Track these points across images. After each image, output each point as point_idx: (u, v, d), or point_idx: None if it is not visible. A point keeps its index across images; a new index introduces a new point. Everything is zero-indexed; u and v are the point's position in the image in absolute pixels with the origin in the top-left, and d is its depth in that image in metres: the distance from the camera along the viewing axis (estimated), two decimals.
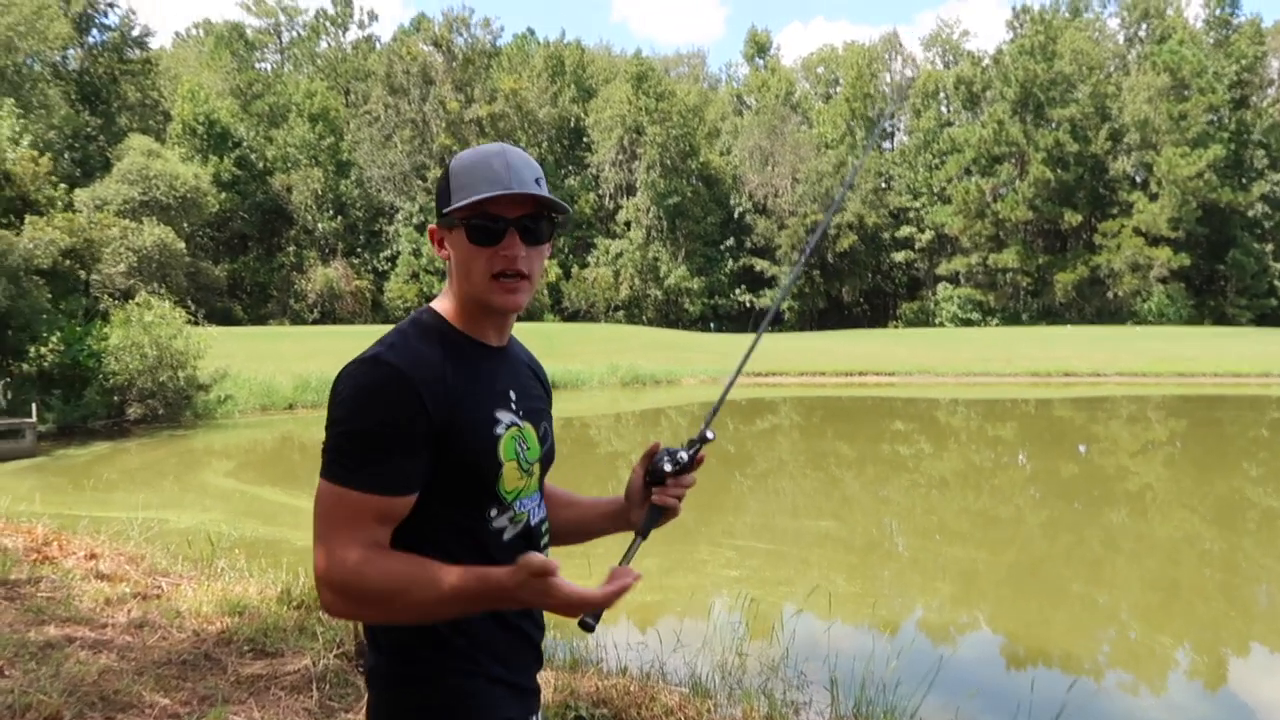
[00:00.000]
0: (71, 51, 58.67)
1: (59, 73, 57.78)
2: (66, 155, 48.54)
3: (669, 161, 64.09)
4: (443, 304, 1.53)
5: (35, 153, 23.53)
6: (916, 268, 69.15)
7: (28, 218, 20.39)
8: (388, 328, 1.55)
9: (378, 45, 72.90)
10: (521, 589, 1.31)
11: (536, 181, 1.47)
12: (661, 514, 1.64)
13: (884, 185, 68.83)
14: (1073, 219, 62.07)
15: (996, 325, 61.38)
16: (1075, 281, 60.98)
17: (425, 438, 1.36)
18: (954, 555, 10.05)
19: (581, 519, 1.83)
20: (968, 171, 65.24)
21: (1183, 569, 9.47)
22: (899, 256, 67.56)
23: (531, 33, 75.67)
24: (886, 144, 73.98)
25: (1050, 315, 62.17)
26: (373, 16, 76.12)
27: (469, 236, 1.45)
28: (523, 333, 1.62)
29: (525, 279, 1.48)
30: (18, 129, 24.33)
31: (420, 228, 61.95)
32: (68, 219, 22.21)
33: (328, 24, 74.34)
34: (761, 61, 79.80)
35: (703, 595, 7.83)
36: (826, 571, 8.89)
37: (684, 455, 1.60)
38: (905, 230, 66.99)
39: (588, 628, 1.41)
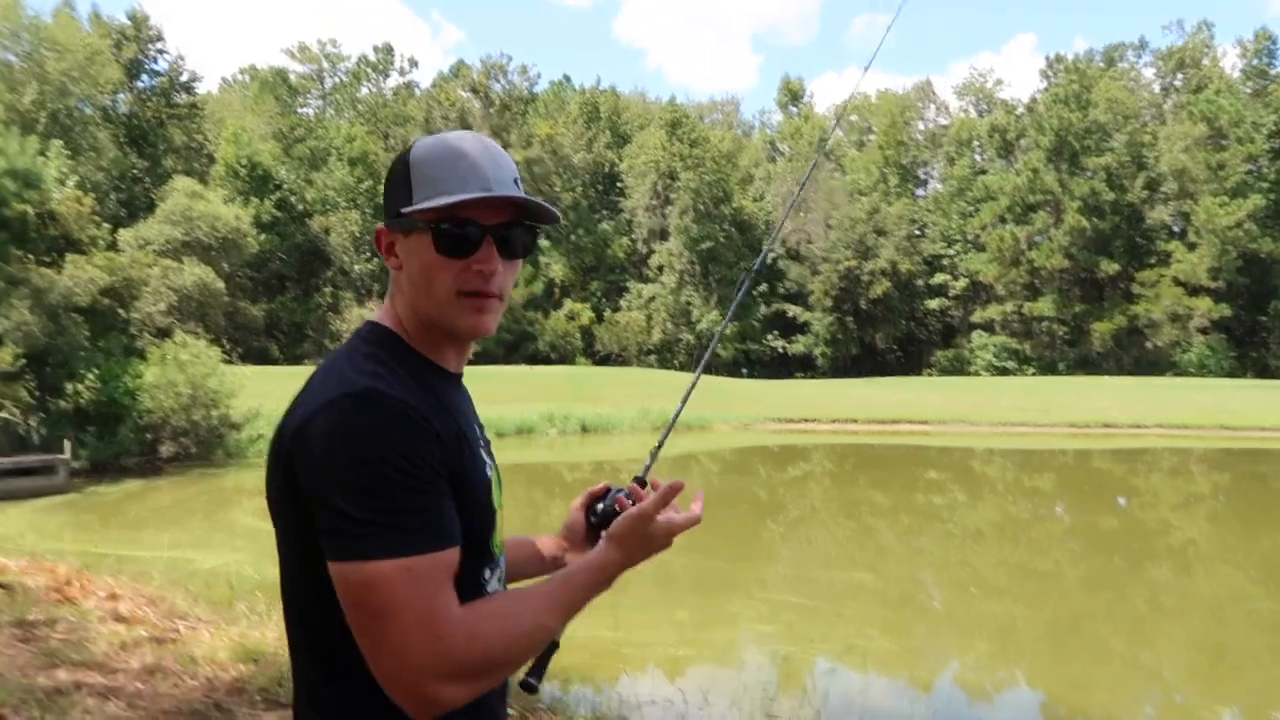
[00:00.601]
0: (121, 96, 60.39)
1: (109, 116, 59.38)
2: (113, 196, 49.76)
3: (702, 207, 64.41)
4: (394, 321, 1.26)
5: (80, 193, 24.06)
6: (950, 315, 68.61)
7: (69, 256, 20.79)
8: None
9: (417, 91, 74.30)
10: (646, 542, 1.25)
11: (515, 182, 1.24)
12: None
13: (917, 232, 68.63)
14: (1109, 268, 61.37)
15: (1033, 374, 60.56)
16: (1113, 331, 60.12)
17: (446, 475, 1.13)
18: (990, 610, 9.74)
19: (514, 563, 1.55)
20: (1002, 219, 64.88)
21: (1230, 629, 9.09)
22: (933, 304, 67.11)
23: (568, 79, 76.84)
24: (920, 191, 73.91)
25: (1088, 365, 61.24)
26: (413, 63, 77.81)
27: (436, 245, 1.19)
28: (553, 376, 1.48)
29: (497, 298, 1.24)
30: (65, 170, 24.92)
31: None
32: (108, 258, 22.63)
33: (369, 70, 75.95)
34: (795, 109, 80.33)
35: (734, 650, 7.61)
36: (860, 626, 8.63)
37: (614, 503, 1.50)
38: (939, 277, 66.62)
39: (530, 689, 1.27)
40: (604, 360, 61.56)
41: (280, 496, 1.16)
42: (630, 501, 1.50)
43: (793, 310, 65.35)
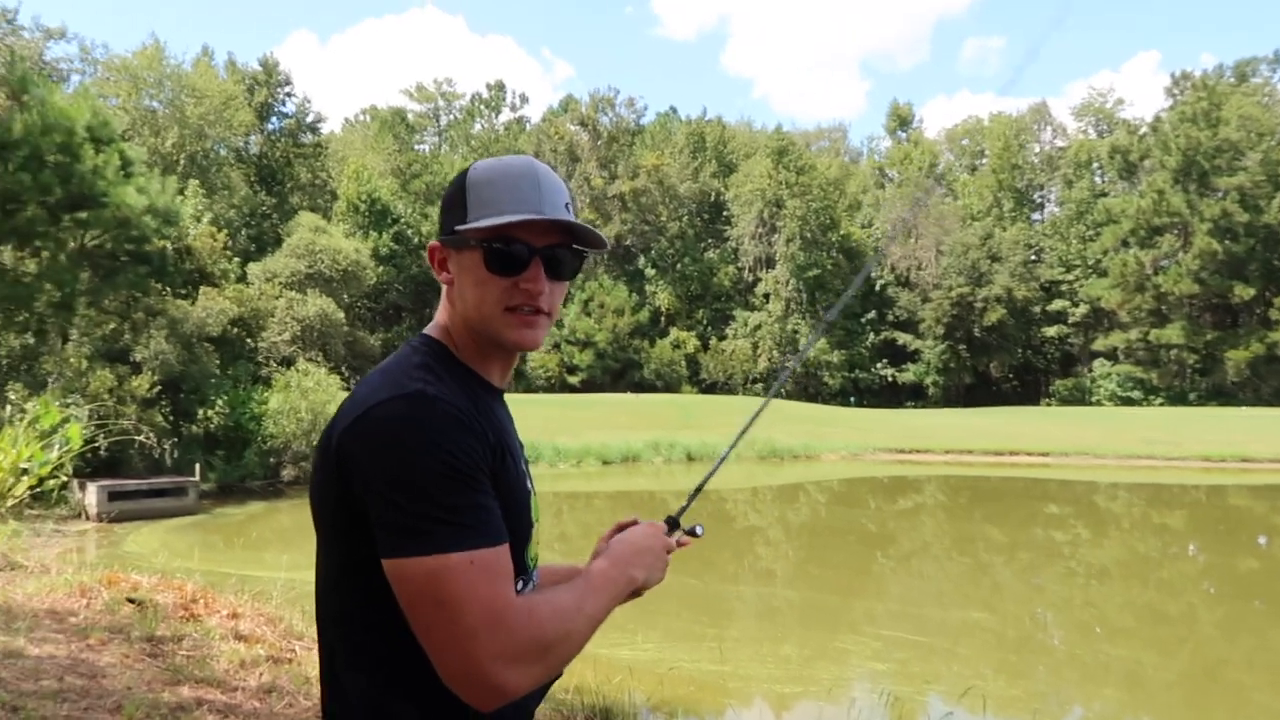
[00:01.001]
0: (252, 137, 63.92)
1: (241, 156, 62.90)
2: (243, 231, 52.51)
3: (809, 234, 63.86)
4: (443, 334, 1.32)
5: (214, 229, 25.46)
6: (1070, 343, 65.87)
7: (202, 289, 21.98)
8: (531, 397, 1.38)
9: (528, 126, 76.22)
10: (657, 560, 1.37)
11: (565, 207, 1.29)
12: (635, 593, 1.45)
13: (1034, 257, 66.30)
14: (1244, 293, 57.88)
15: (1161, 405, 57.48)
16: (1249, 359, 56.55)
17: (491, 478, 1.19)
18: (1118, 654, 9.20)
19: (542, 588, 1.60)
20: (1125, 243, 62.09)
21: None
22: (1051, 331, 64.58)
23: (674, 111, 77.52)
24: (1036, 215, 71.53)
25: (1221, 395, 57.78)
26: (524, 99, 79.80)
27: (487, 263, 1.25)
28: (658, 404, 1.47)
29: (545, 315, 1.30)
30: (200, 207, 26.42)
31: (565, 300, 63.45)
32: (238, 290, 23.86)
33: (482, 107, 78.38)
34: (904, 134, 79.06)
35: (843, 689, 7.38)
36: (977, 666, 8.27)
37: (672, 543, 1.51)
38: (1057, 304, 64.13)
39: None
40: (709, 389, 61.39)
41: (328, 498, 1.19)
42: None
43: (903, 338, 63.93)
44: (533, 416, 30.63)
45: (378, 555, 1.12)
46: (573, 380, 59.63)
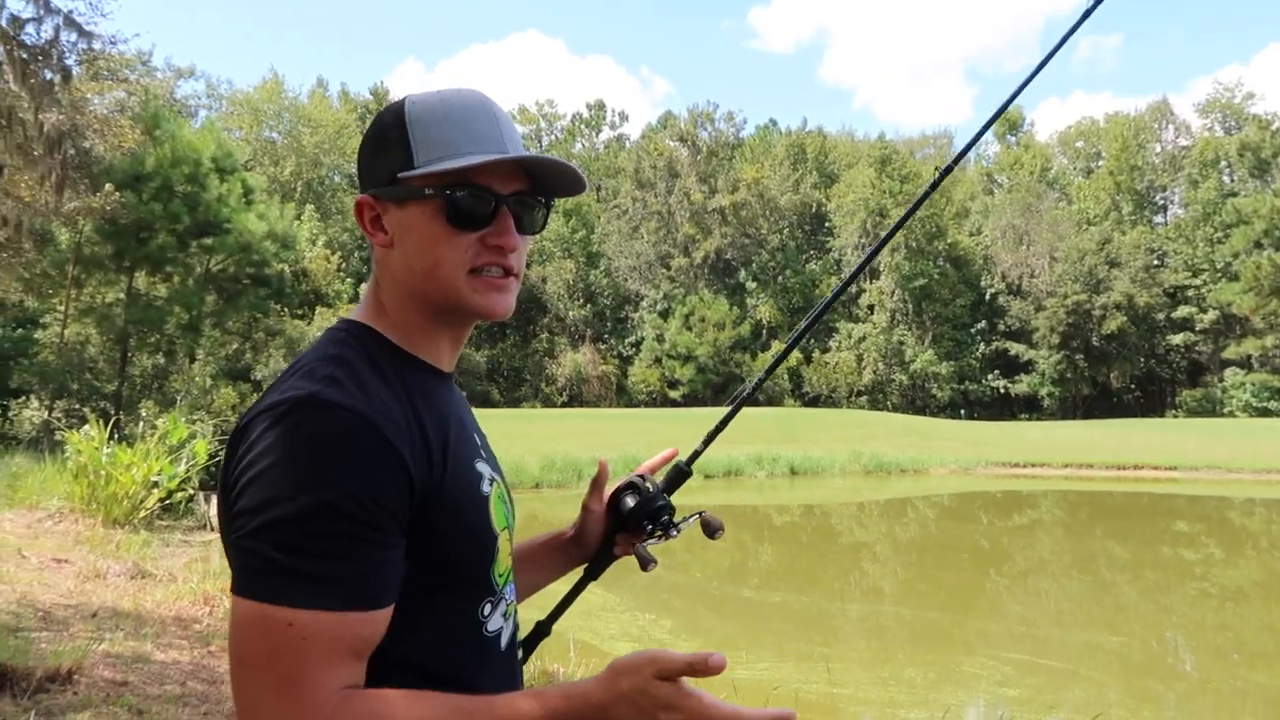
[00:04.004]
0: None
1: (353, 182, 65.31)
2: (356, 254, 54.50)
3: (914, 243, 62.50)
4: (372, 315, 1.07)
5: (328, 252, 26.52)
6: (1198, 351, 62.45)
7: (317, 309, 22.87)
8: (632, 411, 1.19)
9: (627, 144, 76.99)
10: (631, 704, 0.89)
11: (524, 148, 1.08)
12: (613, 560, 1.28)
13: (1156, 262, 63.20)
14: None
15: None
16: None
17: (404, 513, 0.93)
18: (1257, 681, 8.60)
19: (532, 576, 1.35)
20: (1258, 245, 58.51)
21: None
22: (1176, 339, 61.38)
23: (774, 123, 77.11)
24: (1158, 219, 68.25)
25: None
26: (623, 117, 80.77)
27: (448, 214, 1.02)
28: (760, 418, 1.36)
29: (514, 277, 1.08)
30: (315, 232, 27.55)
31: (665, 314, 63.82)
32: (351, 310, 24.74)
33: (583, 126, 79.59)
34: (1013, 138, 76.69)
35: (955, 713, 7.10)
36: (1101, 691, 7.85)
37: (675, 530, 1.33)
38: (1183, 310, 60.94)
39: None
40: (813, 402, 60.58)
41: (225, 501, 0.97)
42: (682, 525, 1.34)
43: (1015, 348, 61.78)
44: (634, 431, 30.72)
45: None
46: (674, 395, 59.68)
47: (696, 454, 1.48)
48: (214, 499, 14.23)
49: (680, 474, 1.41)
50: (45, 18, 17.77)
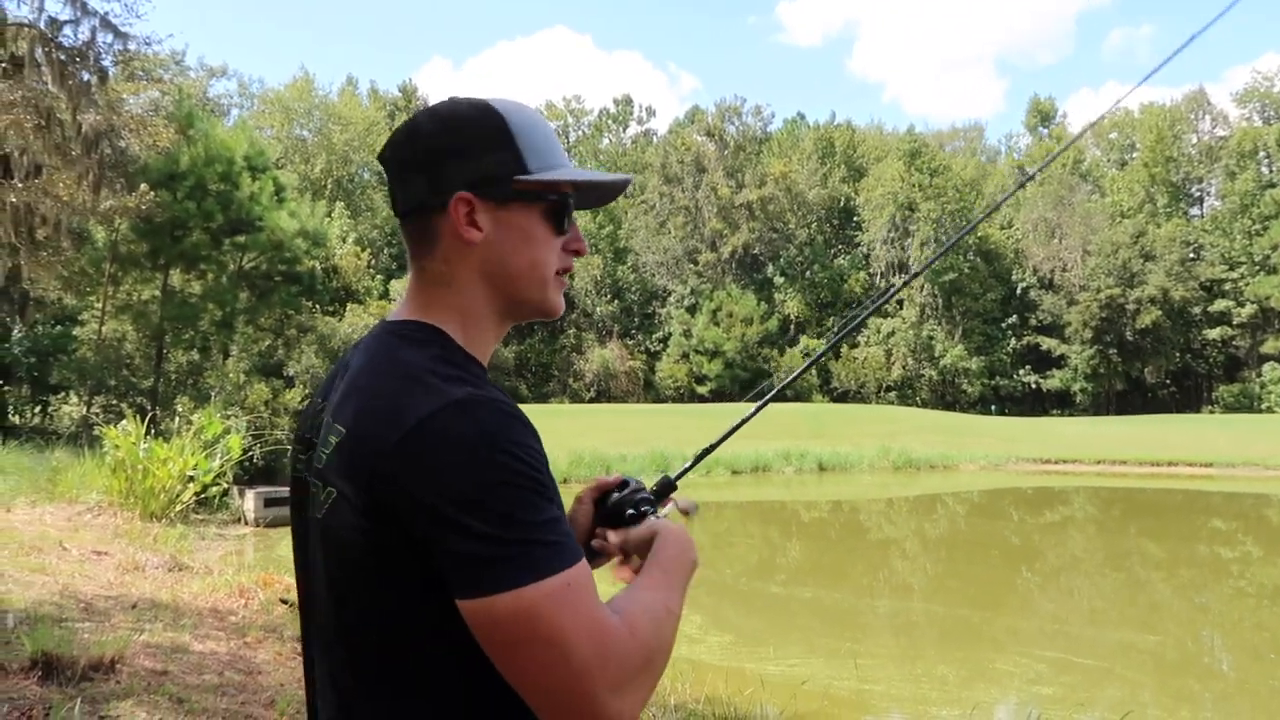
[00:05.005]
0: None
1: (382, 180, 65.69)
2: (385, 251, 54.93)
3: (944, 237, 61.94)
4: (441, 317, 1.10)
5: (358, 249, 26.74)
6: (1235, 346, 61.43)
7: (349, 305, 23.08)
8: (659, 407, 1.23)
9: (654, 139, 76.89)
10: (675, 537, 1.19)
11: None
12: (600, 556, 1.30)
13: (1192, 255, 62.19)
14: None
15: None
16: None
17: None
18: None
19: None
20: None
21: None
22: (1213, 333, 60.41)
23: (801, 117, 76.70)
24: (1194, 210, 67.18)
25: None
26: (650, 112, 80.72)
27: (552, 219, 1.12)
28: (788, 413, 1.36)
29: None
30: (346, 229, 27.80)
31: (692, 310, 63.73)
32: (381, 306, 24.94)
33: (610, 122, 79.60)
34: (1045, 130, 75.79)
35: (985, 711, 7.06)
36: (1134, 690, 7.78)
37: (657, 513, 1.33)
38: (1220, 304, 59.94)
39: None
40: (841, 397, 60.27)
41: (356, 528, 0.98)
42: (661, 514, 1.37)
43: (1047, 343, 61.11)
44: (661, 426, 30.73)
45: (420, 597, 0.96)
46: (701, 390, 59.61)
47: (686, 470, 1.58)
48: (248, 493, 14.41)
49: (667, 485, 1.45)
50: (82, 19, 18.05)
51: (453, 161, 1.09)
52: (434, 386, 0.98)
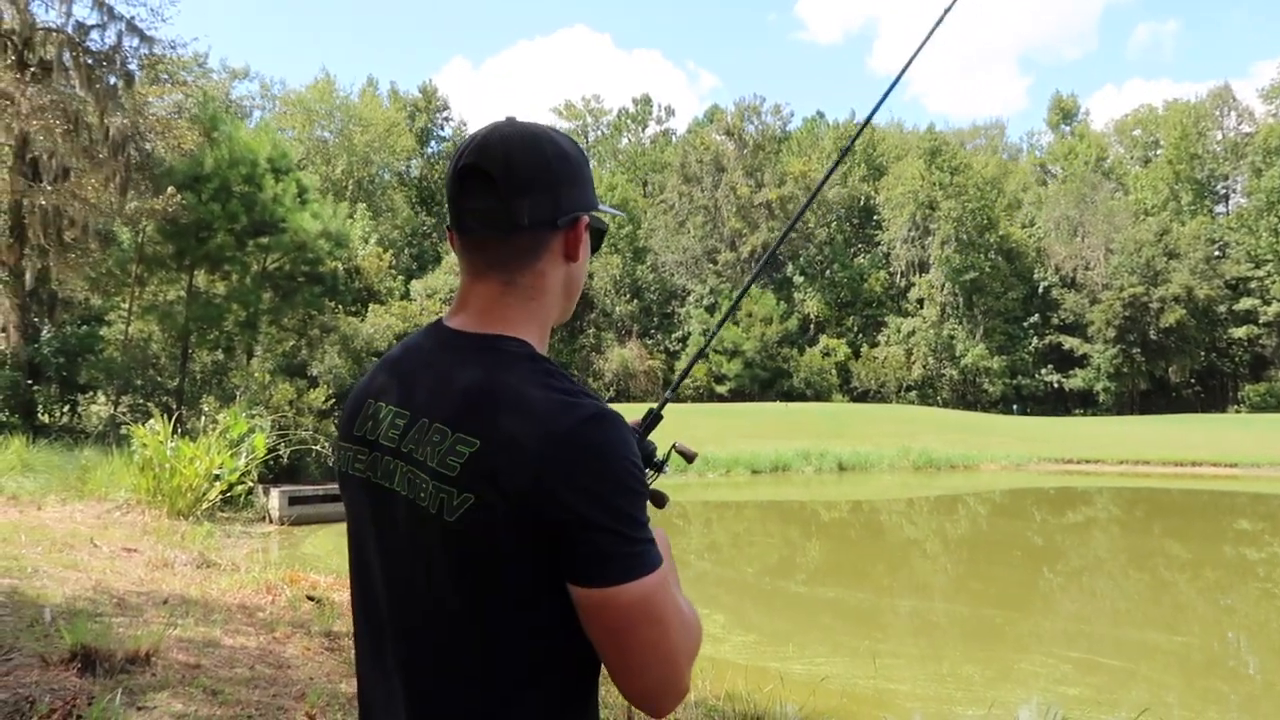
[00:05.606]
0: (413, 161, 67.02)
1: (403, 180, 66.11)
2: (406, 251, 55.26)
3: (965, 236, 61.63)
4: (526, 330, 1.19)
5: (380, 249, 26.91)
6: (1262, 345, 60.73)
7: (371, 306, 23.22)
8: (678, 406, 1.33)
9: (674, 138, 76.88)
10: None
11: None
12: None
13: (1217, 253, 61.56)
14: None
15: None
16: None
17: None
18: None
19: None
20: None
21: None
22: (1239, 332, 59.77)
23: (821, 116, 76.46)
24: (1219, 208, 66.48)
25: None
26: (670, 111, 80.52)
27: (596, 244, 1.29)
28: (808, 413, 1.43)
29: None
30: (368, 229, 27.98)
31: (711, 309, 63.69)
32: (402, 306, 25.09)
33: (629, 121, 79.63)
34: (1068, 128, 75.21)
35: (1005, 709, 7.06)
36: (1158, 692, 7.74)
37: (664, 468, 1.50)
38: (1246, 303, 59.29)
39: None
40: (861, 397, 60.07)
41: (496, 530, 1.05)
42: (665, 462, 1.56)
43: (1069, 342, 60.65)
44: (681, 426, 30.76)
45: (543, 584, 1.07)
46: (721, 390, 59.57)
47: (664, 401, 1.75)
48: (273, 492, 14.56)
49: (655, 417, 1.62)
50: (109, 24, 18.30)
51: (571, 187, 1.20)
52: (569, 400, 1.08)
